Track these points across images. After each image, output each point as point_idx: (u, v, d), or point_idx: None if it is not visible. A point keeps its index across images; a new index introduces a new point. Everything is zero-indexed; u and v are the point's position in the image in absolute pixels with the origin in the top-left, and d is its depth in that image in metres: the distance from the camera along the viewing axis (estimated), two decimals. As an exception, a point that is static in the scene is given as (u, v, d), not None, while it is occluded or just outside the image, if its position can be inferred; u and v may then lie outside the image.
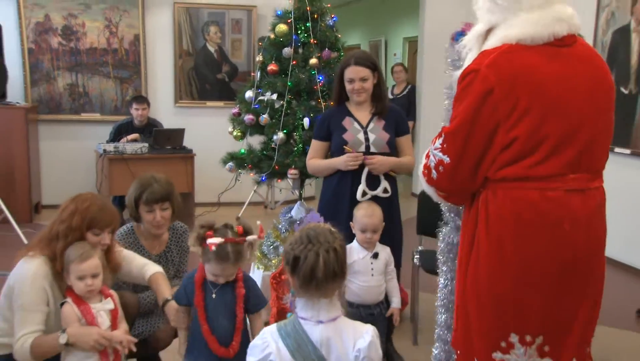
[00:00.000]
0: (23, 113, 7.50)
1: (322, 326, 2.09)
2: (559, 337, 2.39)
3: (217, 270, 2.88)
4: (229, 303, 2.95)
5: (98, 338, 2.85)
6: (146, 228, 3.57)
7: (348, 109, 4.02)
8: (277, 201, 8.58)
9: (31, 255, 3.01)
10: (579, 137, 2.34)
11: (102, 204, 3.10)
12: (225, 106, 8.02)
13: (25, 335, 2.87)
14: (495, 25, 2.42)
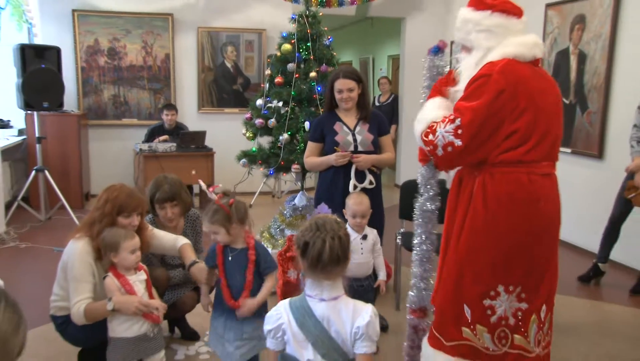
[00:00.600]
0: (76, 119, 7.60)
1: (324, 304, 2.06)
2: (534, 287, 2.58)
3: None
4: (242, 265, 2.95)
5: (138, 305, 2.92)
6: (161, 222, 3.63)
7: (338, 115, 3.99)
8: (282, 191, 8.57)
9: (78, 237, 3.07)
10: (551, 134, 2.56)
11: (130, 192, 3.12)
12: (239, 112, 8.01)
13: (79, 302, 2.92)
14: (491, 48, 2.58)
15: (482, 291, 2.58)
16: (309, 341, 2.04)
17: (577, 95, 6.16)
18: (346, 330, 2.04)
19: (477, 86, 2.51)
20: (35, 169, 6.78)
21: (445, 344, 2.66)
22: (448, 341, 2.66)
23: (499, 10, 2.59)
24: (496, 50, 2.56)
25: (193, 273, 3.21)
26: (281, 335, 2.10)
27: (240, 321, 2.90)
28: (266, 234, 4.90)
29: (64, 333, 3.22)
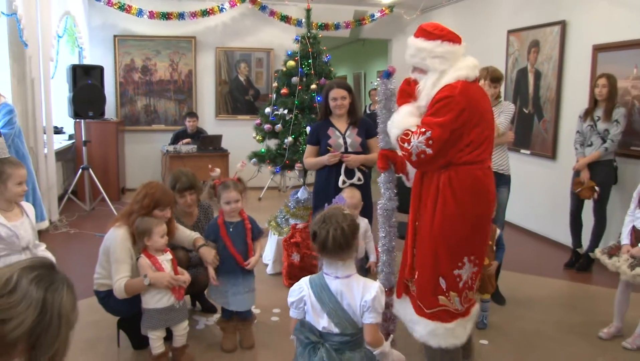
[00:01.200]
0: (115, 126, 7.62)
1: (338, 281, 2.06)
2: (482, 254, 2.78)
3: (225, 197, 3.23)
4: (241, 234, 3.29)
5: (169, 279, 2.98)
6: (181, 208, 3.62)
7: (331, 121, 3.99)
8: (287, 186, 8.56)
9: (118, 225, 3.08)
10: (490, 138, 2.73)
11: (165, 189, 3.15)
12: (251, 118, 7.98)
13: (120, 279, 2.95)
14: (444, 70, 2.65)
15: (453, 264, 2.67)
16: (324, 312, 2.06)
17: (534, 106, 6.18)
18: (356, 303, 2.05)
19: (442, 105, 2.59)
20: (82, 168, 6.83)
21: (426, 312, 2.71)
22: (428, 309, 2.70)
23: (447, 40, 2.68)
24: (450, 74, 2.64)
25: (201, 252, 3.31)
26: (302, 305, 2.12)
27: (245, 278, 3.31)
28: (273, 223, 4.90)
29: (105, 305, 3.23)
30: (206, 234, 3.38)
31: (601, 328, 3.61)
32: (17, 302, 1.34)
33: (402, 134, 2.69)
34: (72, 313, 1.46)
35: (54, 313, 1.39)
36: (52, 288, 1.40)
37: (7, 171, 2.77)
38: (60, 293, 1.42)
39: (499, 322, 3.80)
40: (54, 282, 1.42)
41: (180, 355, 3.15)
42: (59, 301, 1.41)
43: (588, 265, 4.89)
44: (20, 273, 1.39)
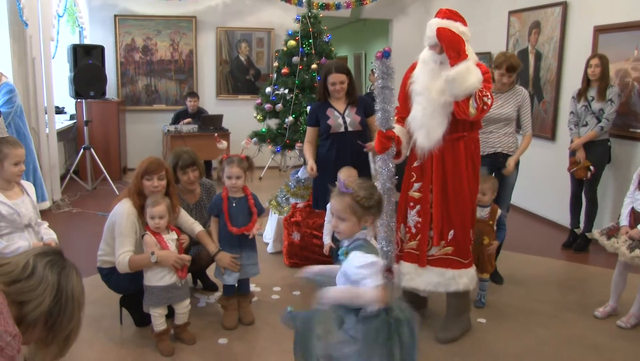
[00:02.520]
0: (116, 105, 7.59)
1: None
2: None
3: (228, 172, 3.27)
4: (243, 209, 3.34)
5: (176, 259, 2.98)
6: (183, 186, 3.60)
7: (329, 102, 3.95)
8: (287, 166, 8.56)
9: (124, 200, 3.07)
10: None
11: (152, 159, 3.16)
12: (251, 98, 7.96)
13: (124, 253, 2.95)
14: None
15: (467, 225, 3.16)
16: None
17: (534, 87, 6.15)
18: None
19: (488, 77, 2.99)
20: (83, 148, 6.83)
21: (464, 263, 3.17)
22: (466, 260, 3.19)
23: (464, 23, 3.00)
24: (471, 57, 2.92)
25: (218, 259, 3.29)
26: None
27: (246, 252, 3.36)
28: (274, 202, 4.91)
29: (108, 282, 3.26)
30: (210, 208, 3.40)
31: (597, 307, 3.64)
32: (35, 285, 1.44)
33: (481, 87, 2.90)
34: (82, 296, 1.57)
35: (68, 296, 1.50)
36: (64, 273, 1.51)
37: (4, 151, 2.77)
38: (71, 277, 1.53)
39: (496, 301, 3.82)
40: (65, 267, 1.53)
41: (182, 332, 3.18)
42: (72, 285, 1.52)
43: (585, 245, 4.91)
44: (35, 258, 1.49)
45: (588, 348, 3.21)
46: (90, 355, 3.01)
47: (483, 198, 3.57)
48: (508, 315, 3.64)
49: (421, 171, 3.17)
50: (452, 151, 3.08)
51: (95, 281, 3.49)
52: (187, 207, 3.59)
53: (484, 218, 3.60)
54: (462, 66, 2.82)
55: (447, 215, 3.12)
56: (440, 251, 3.14)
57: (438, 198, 3.11)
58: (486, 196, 3.58)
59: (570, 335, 3.37)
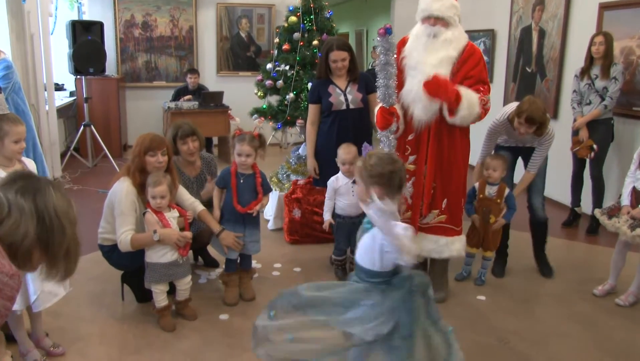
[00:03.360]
0: (115, 82, 7.55)
1: None
2: None
3: (238, 149, 3.25)
4: (251, 186, 3.34)
5: (178, 237, 2.99)
6: (184, 158, 3.58)
7: (331, 79, 3.93)
8: (288, 143, 8.54)
9: (122, 179, 3.05)
10: None
11: (153, 135, 3.12)
12: (252, 75, 7.91)
13: (125, 232, 2.94)
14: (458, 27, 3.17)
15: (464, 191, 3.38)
16: None
17: (537, 65, 6.08)
18: None
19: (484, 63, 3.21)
20: (83, 125, 6.82)
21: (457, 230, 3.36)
22: (458, 227, 3.37)
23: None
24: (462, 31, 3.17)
25: (222, 238, 3.28)
26: None
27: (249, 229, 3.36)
28: (275, 179, 4.91)
29: (109, 259, 3.26)
30: (217, 181, 3.40)
31: (596, 285, 3.66)
32: (16, 220, 1.39)
33: (481, 102, 3.10)
34: (70, 209, 1.52)
35: (50, 215, 1.44)
36: (39, 195, 1.44)
37: (4, 128, 2.74)
38: (48, 196, 1.46)
39: (496, 279, 3.84)
40: (38, 188, 1.46)
41: (183, 308, 3.20)
42: (51, 203, 1.46)
43: (597, 227, 4.73)
44: (2, 191, 1.43)
45: (586, 325, 3.23)
46: (92, 331, 3.03)
47: (493, 174, 3.56)
48: (507, 292, 3.65)
49: (416, 144, 3.26)
50: (447, 123, 3.16)
51: (96, 257, 3.50)
52: (187, 180, 3.58)
53: (492, 197, 3.60)
54: (464, 111, 3.06)
55: (442, 185, 3.27)
56: (435, 220, 3.30)
57: (433, 169, 3.24)
58: (496, 172, 3.57)
59: (569, 312, 3.39)
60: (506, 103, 6.59)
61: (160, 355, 2.82)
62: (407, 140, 3.29)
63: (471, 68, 3.16)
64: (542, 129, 3.50)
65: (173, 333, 3.04)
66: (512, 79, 6.56)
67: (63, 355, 2.78)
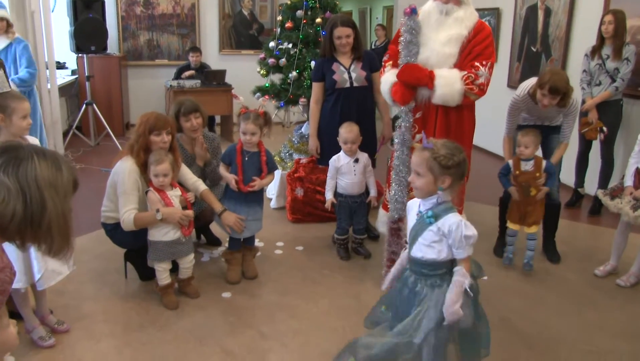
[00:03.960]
0: (117, 60, 7.52)
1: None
2: None
3: (243, 128, 3.24)
4: (255, 164, 3.33)
5: (181, 215, 2.99)
6: (187, 135, 3.56)
7: (335, 57, 3.89)
8: (291, 122, 8.51)
9: (125, 158, 3.04)
10: None
11: (158, 114, 3.10)
12: (254, 53, 7.85)
13: (128, 211, 2.94)
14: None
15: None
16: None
17: (542, 44, 6.01)
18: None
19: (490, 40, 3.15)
20: (86, 103, 6.79)
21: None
22: (460, 206, 3.27)
23: None
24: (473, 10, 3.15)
25: (224, 217, 3.27)
26: None
27: (251, 207, 3.35)
28: (277, 158, 4.90)
29: (112, 237, 3.27)
30: (223, 157, 3.38)
31: (598, 266, 3.66)
32: (5, 200, 1.32)
33: (465, 80, 3.03)
34: (57, 176, 1.41)
35: (33, 190, 1.34)
36: (21, 169, 1.35)
37: (11, 105, 2.73)
38: (30, 167, 1.36)
39: (499, 259, 3.85)
40: (20, 161, 1.36)
41: (186, 286, 3.22)
42: (33, 175, 1.35)
43: (600, 207, 4.74)
44: None
45: (587, 305, 3.24)
46: (95, 308, 3.05)
47: (525, 151, 3.52)
48: (509, 272, 3.66)
49: (423, 122, 3.25)
50: (455, 109, 3.14)
51: (99, 236, 3.52)
52: (189, 158, 3.57)
53: (529, 171, 3.55)
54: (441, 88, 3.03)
55: None
56: None
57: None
58: (528, 149, 3.52)
59: (569, 292, 3.40)
60: (510, 82, 6.55)
61: (163, 332, 2.84)
62: (414, 118, 3.27)
63: (476, 44, 3.14)
64: (566, 100, 3.46)
65: (176, 310, 3.06)
66: (517, 59, 6.49)
67: (68, 332, 2.81)
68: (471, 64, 3.09)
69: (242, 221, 3.30)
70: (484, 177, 5.82)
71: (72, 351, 2.66)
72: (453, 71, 3.07)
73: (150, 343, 2.74)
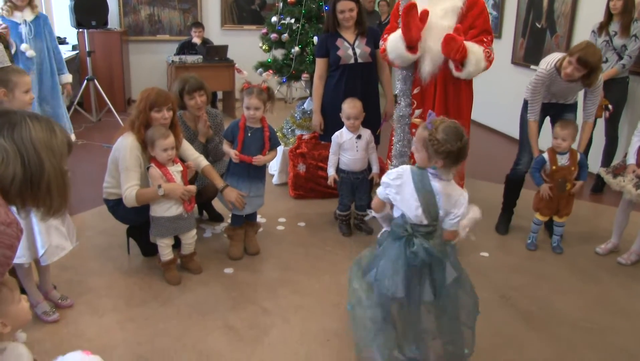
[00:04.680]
0: (118, 35, 7.41)
1: (441, 182, 2.09)
2: None
3: (247, 103, 3.20)
4: (258, 140, 3.30)
5: (183, 191, 2.98)
6: (190, 112, 3.53)
7: (339, 32, 3.84)
8: (293, 97, 8.44)
9: (126, 134, 3.02)
10: None
11: (159, 90, 3.06)
12: (257, 28, 7.71)
13: (130, 187, 2.93)
14: None
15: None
16: (420, 204, 2.08)
17: (547, 20, 5.91)
18: (447, 207, 2.12)
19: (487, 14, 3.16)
20: (87, 79, 6.73)
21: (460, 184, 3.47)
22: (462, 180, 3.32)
23: None
24: None
25: (225, 193, 3.25)
26: (394, 190, 2.15)
27: (254, 183, 3.33)
28: (279, 134, 4.87)
29: (115, 213, 3.27)
30: (225, 133, 3.35)
31: (599, 244, 3.66)
32: (4, 161, 1.34)
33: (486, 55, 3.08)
34: (52, 137, 1.42)
35: (30, 152, 1.36)
36: (16, 132, 1.37)
37: (13, 80, 2.70)
38: (25, 130, 1.38)
39: (500, 237, 3.85)
40: (15, 124, 1.38)
41: (188, 261, 3.22)
42: (29, 138, 1.37)
43: (602, 185, 4.70)
44: None
45: (588, 283, 3.24)
46: (99, 284, 3.06)
47: (562, 144, 3.43)
48: (510, 249, 3.66)
49: (422, 97, 3.27)
50: (452, 76, 3.16)
51: (102, 212, 3.51)
52: (192, 134, 3.55)
53: (566, 165, 3.46)
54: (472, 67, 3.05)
55: None
56: None
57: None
58: (565, 142, 3.43)
59: (571, 269, 3.40)
60: (514, 59, 6.47)
61: (166, 308, 2.85)
62: (413, 94, 3.27)
63: (475, 18, 3.14)
64: (592, 78, 3.26)
65: (178, 286, 3.07)
66: (522, 34, 6.40)
67: (71, 307, 2.82)
68: (479, 40, 3.06)
69: (244, 197, 3.29)
70: (485, 154, 5.80)
71: (76, 326, 2.68)
72: (478, 49, 3.06)
73: (152, 318, 2.75)
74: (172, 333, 2.63)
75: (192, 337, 2.61)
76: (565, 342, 2.66)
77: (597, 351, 2.60)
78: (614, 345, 2.65)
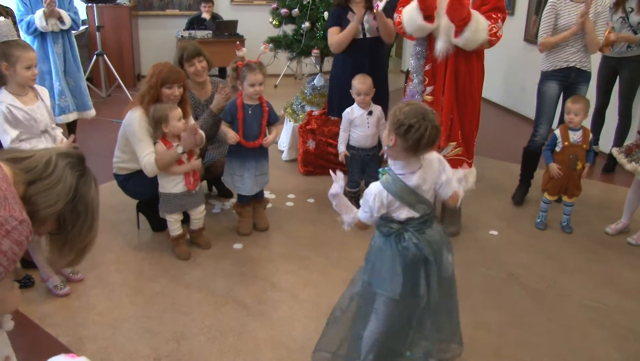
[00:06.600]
0: (127, 10, 7.36)
1: (415, 174, 1.95)
2: None
3: (251, 79, 3.13)
4: (258, 117, 3.26)
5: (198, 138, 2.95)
6: (192, 79, 3.50)
7: (349, 6, 3.78)
8: (303, 73, 8.38)
9: (134, 109, 3.01)
10: None
11: (171, 66, 3.04)
12: (267, 3, 7.63)
13: (147, 155, 2.92)
14: None
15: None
16: (406, 206, 1.98)
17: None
18: (435, 180, 2.02)
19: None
20: (96, 54, 6.71)
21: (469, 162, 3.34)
22: (471, 159, 3.36)
23: None
24: None
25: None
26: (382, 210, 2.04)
27: (258, 162, 3.30)
28: (289, 110, 4.84)
29: (124, 188, 3.28)
30: (224, 115, 3.30)
31: (609, 224, 3.63)
32: (53, 184, 1.40)
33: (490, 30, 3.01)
34: (98, 208, 1.53)
35: (86, 202, 1.45)
36: (83, 179, 1.46)
37: (15, 54, 2.67)
38: (90, 185, 1.48)
39: (509, 215, 3.83)
40: (85, 173, 1.48)
41: (197, 237, 3.23)
42: (91, 194, 1.47)
43: (614, 165, 4.64)
44: (57, 157, 1.44)
45: (597, 263, 3.22)
46: (109, 258, 3.08)
47: (575, 119, 3.37)
48: (519, 227, 3.64)
49: (433, 75, 3.23)
50: (464, 52, 3.11)
51: (112, 187, 3.52)
52: (197, 104, 3.53)
53: (578, 143, 3.41)
54: (469, 33, 2.97)
55: (458, 116, 3.26)
56: (452, 152, 3.29)
57: (450, 100, 3.20)
58: (578, 117, 3.37)
59: (579, 249, 3.37)
60: (527, 36, 6.36)
61: (175, 282, 2.87)
62: (424, 70, 3.22)
63: None
64: None
65: (187, 261, 3.08)
66: (535, 12, 6.28)
67: (82, 281, 2.84)
68: (488, 15, 3.00)
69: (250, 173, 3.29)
70: (496, 132, 5.74)
71: (87, 299, 2.70)
72: (483, 20, 3.01)
73: (162, 293, 2.77)
74: (181, 308, 2.65)
75: (201, 312, 2.63)
76: (573, 321, 2.65)
77: (604, 330, 2.59)
78: (621, 325, 2.64)
